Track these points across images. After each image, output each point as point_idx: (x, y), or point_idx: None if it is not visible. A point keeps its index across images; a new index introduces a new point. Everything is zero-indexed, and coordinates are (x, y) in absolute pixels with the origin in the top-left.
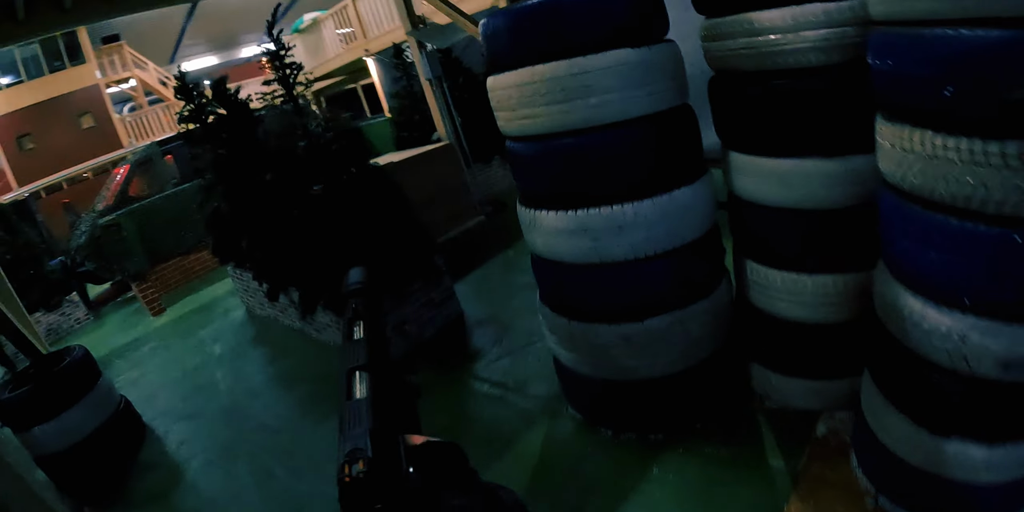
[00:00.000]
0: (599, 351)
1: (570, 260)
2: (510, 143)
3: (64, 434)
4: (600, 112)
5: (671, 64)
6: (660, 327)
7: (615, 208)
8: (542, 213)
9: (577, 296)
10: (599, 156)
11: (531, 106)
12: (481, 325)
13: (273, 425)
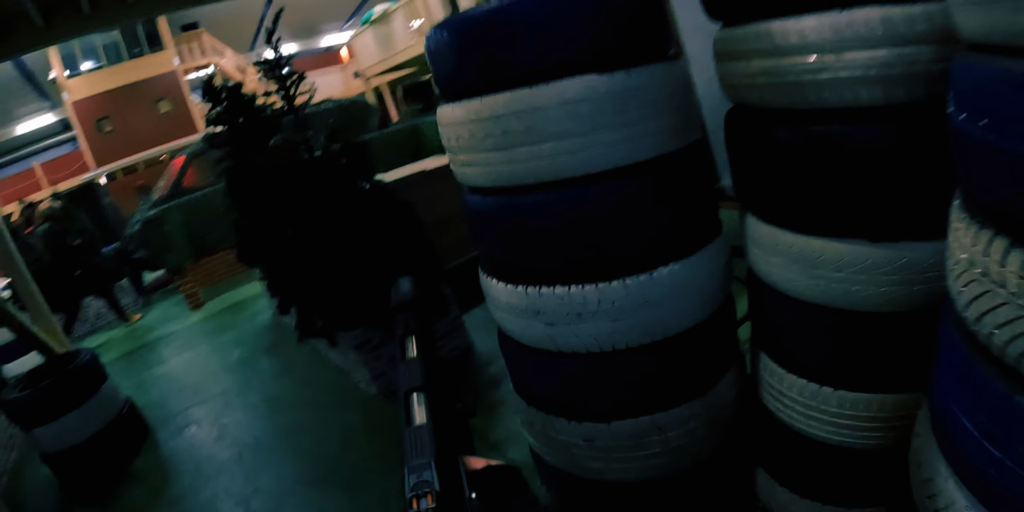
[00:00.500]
0: (559, 445)
1: (524, 341)
2: (464, 190)
3: (63, 436)
4: (552, 164)
5: (667, 93)
6: (631, 432)
7: (572, 290)
8: (492, 281)
9: (533, 382)
10: (552, 221)
11: (470, 150)
12: (492, 362)
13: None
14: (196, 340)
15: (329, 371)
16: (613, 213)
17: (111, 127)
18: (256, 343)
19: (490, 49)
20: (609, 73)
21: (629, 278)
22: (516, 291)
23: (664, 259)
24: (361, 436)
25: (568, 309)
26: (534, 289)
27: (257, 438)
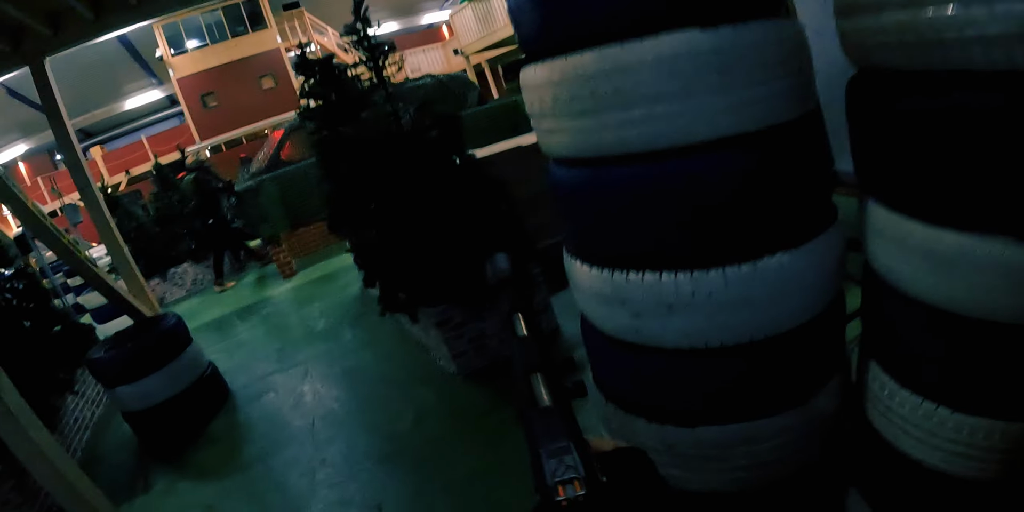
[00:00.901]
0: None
1: (607, 331)
2: (550, 162)
3: (144, 396)
4: (644, 131)
5: (779, 54)
6: (716, 440)
7: (663, 278)
8: (575, 263)
9: (613, 376)
10: (643, 197)
11: (555, 116)
12: (580, 346)
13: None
14: (284, 308)
15: (410, 346)
16: (714, 191)
17: (215, 102)
18: (342, 314)
19: (576, 1)
20: (713, 28)
21: (730, 268)
22: (600, 276)
23: (771, 248)
24: (434, 415)
25: (657, 299)
26: (620, 274)
27: (332, 409)
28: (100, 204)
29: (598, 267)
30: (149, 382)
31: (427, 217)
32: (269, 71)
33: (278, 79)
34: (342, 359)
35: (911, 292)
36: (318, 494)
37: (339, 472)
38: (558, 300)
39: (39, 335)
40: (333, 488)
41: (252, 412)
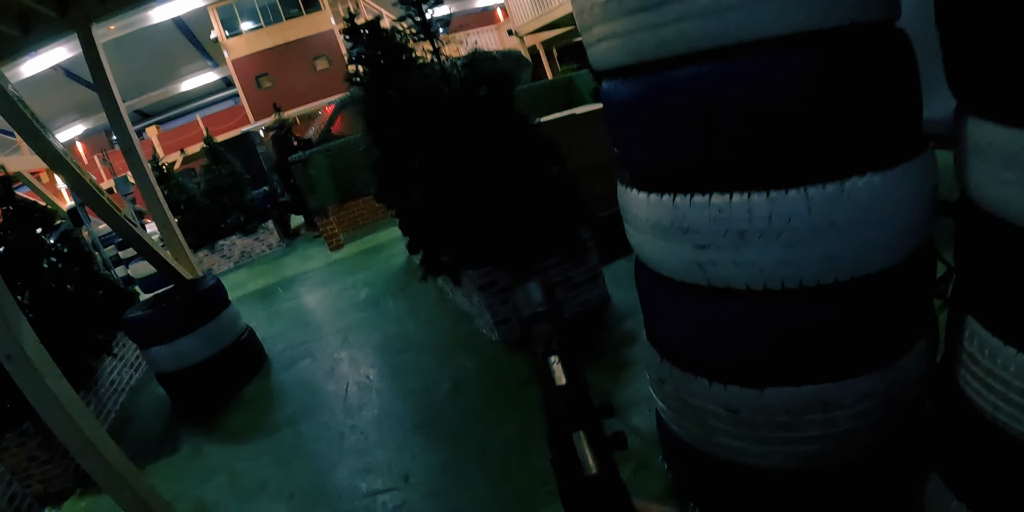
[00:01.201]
0: (693, 413)
1: (665, 271)
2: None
3: (177, 357)
4: (710, 24)
5: None
6: (787, 403)
7: (735, 199)
8: (631, 193)
9: (670, 327)
10: (709, 102)
11: (606, 17)
12: (629, 317)
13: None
14: (329, 279)
15: (453, 314)
16: (795, 94)
17: (270, 83)
18: (386, 284)
19: None
20: None
21: (812, 188)
22: (660, 202)
23: (860, 167)
24: (473, 384)
25: (726, 226)
26: (683, 198)
27: (367, 376)
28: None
29: (657, 193)
30: (183, 343)
31: (473, 175)
32: (323, 52)
33: (332, 60)
34: (382, 327)
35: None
36: (344, 461)
37: (368, 439)
38: (612, 270)
39: (81, 297)
40: (360, 455)
41: (287, 377)
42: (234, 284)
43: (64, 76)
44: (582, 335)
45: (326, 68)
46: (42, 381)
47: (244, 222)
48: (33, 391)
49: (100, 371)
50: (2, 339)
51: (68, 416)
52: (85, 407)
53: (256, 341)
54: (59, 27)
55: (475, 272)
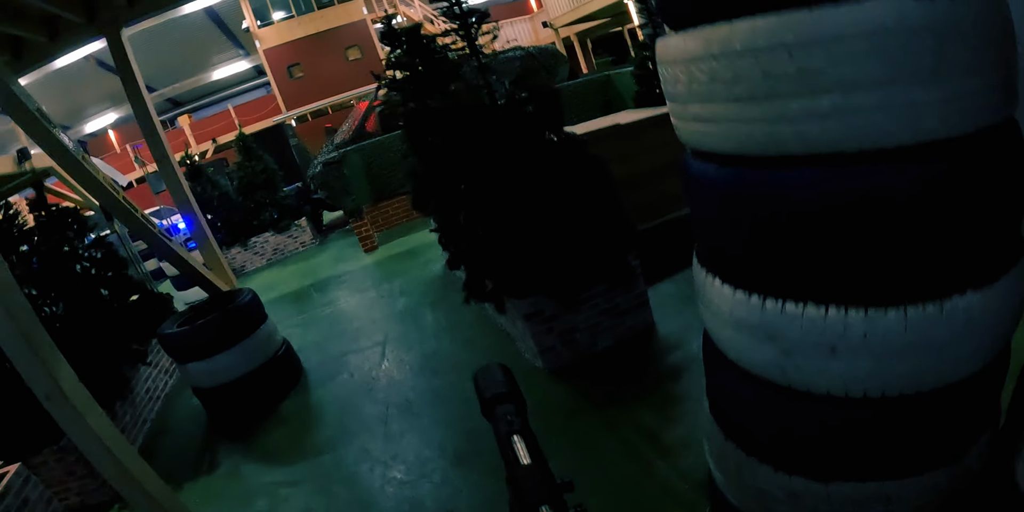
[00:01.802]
0: (753, 492)
1: (742, 363)
2: (687, 154)
3: (214, 374)
4: (831, 128)
5: (1000, 32)
6: (850, 497)
7: (831, 313)
8: (714, 282)
9: (741, 412)
10: (815, 212)
11: (708, 99)
12: (676, 348)
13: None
14: (364, 284)
15: (493, 334)
16: (911, 209)
17: (301, 73)
18: (423, 294)
19: None
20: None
21: (912, 307)
22: (746, 301)
23: (961, 285)
24: None
25: (818, 339)
26: (775, 303)
27: (407, 399)
28: (178, 175)
29: (744, 291)
30: (220, 359)
31: (522, 200)
32: (355, 42)
33: (364, 50)
34: (420, 343)
35: None
36: (387, 492)
37: (411, 470)
38: (655, 292)
39: (116, 304)
40: (404, 487)
41: (325, 394)
42: (267, 284)
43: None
44: (627, 365)
45: (358, 58)
46: (83, 420)
47: (277, 219)
48: (74, 430)
49: (135, 379)
50: (41, 379)
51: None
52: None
53: (293, 355)
54: (87, 33)
55: (521, 301)
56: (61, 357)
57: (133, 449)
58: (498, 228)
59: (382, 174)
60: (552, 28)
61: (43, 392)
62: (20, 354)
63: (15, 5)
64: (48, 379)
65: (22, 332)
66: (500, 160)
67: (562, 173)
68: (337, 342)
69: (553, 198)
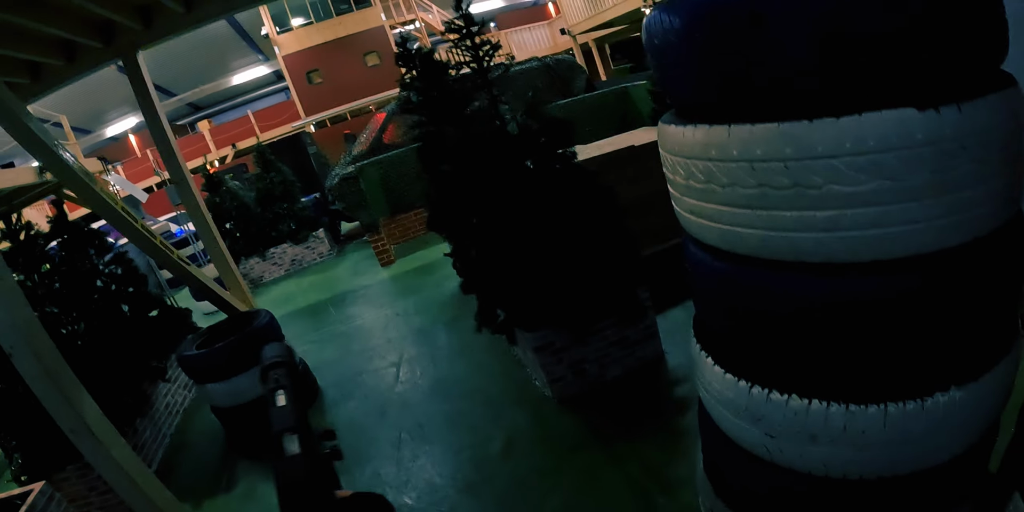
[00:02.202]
0: None
1: (732, 436)
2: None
3: (232, 395)
4: (823, 241)
5: (1002, 142)
6: None
7: (812, 406)
8: (705, 359)
9: (731, 475)
10: (803, 311)
11: (703, 197)
12: (685, 380)
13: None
14: (380, 300)
15: (505, 359)
16: (893, 317)
17: (320, 79)
18: (438, 313)
19: (748, 52)
20: (933, 109)
21: (892, 404)
22: (735, 385)
23: (943, 383)
24: (525, 442)
25: (800, 428)
26: (760, 391)
27: (419, 424)
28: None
29: (733, 375)
30: (238, 381)
31: (532, 233)
32: (374, 48)
33: (382, 56)
34: (434, 365)
35: None
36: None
37: (422, 497)
38: (665, 319)
39: (135, 320)
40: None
41: (339, 416)
42: (284, 297)
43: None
44: (635, 396)
45: (376, 64)
46: (108, 452)
47: (295, 230)
48: (99, 462)
49: (155, 395)
50: (66, 415)
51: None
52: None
53: (310, 374)
54: (104, 56)
55: (531, 334)
56: (85, 393)
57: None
58: (509, 261)
59: (399, 187)
60: (570, 35)
61: (69, 426)
62: (46, 392)
63: (32, 31)
64: (73, 415)
65: (48, 372)
66: (511, 192)
67: (572, 206)
68: (352, 361)
69: (563, 231)
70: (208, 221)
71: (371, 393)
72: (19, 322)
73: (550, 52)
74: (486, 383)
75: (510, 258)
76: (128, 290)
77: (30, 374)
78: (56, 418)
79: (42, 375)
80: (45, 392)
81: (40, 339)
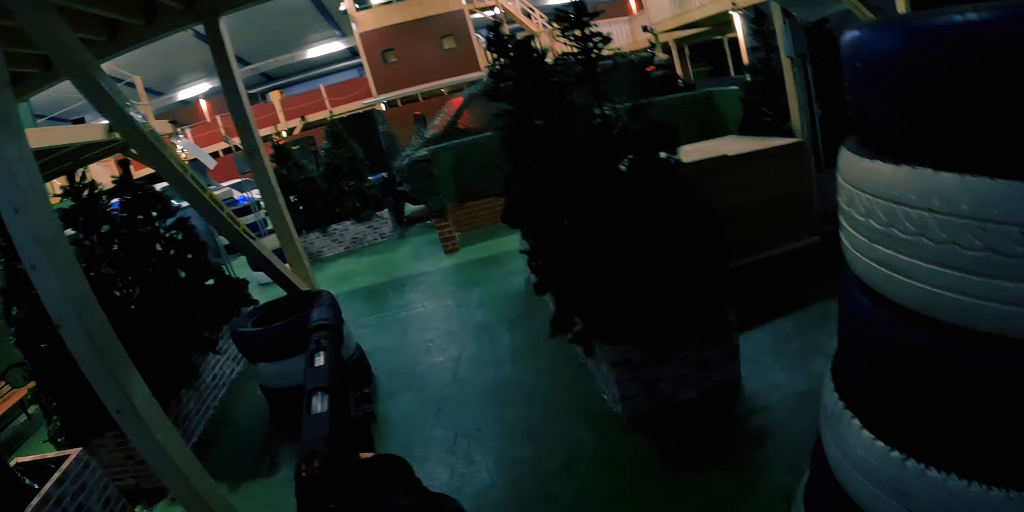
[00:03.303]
0: None
1: (859, 503)
2: (849, 278)
3: (283, 376)
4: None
5: None
6: None
7: (972, 488)
8: (852, 421)
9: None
10: (994, 395)
11: (904, 251)
12: (760, 411)
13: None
14: (443, 289)
15: (571, 367)
16: None
17: (395, 59)
18: (502, 309)
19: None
20: None
21: None
22: (887, 455)
23: None
24: (588, 460)
25: (951, 508)
26: (915, 465)
27: (477, 427)
28: (267, 170)
29: (886, 444)
30: (292, 363)
31: (627, 242)
32: (451, 31)
33: (459, 40)
34: (495, 366)
35: None
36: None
37: (475, 509)
38: (744, 342)
39: (191, 289)
40: None
41: (392, 409)
42: (343, 275)
43: (194, 36)
44: (706, 422)
45: (453, 48)
46: (152, 436)
47: (359, 208)
48: (143, 446)
49: (203, 366)
50: (112, 393)
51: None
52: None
53: (365, 361)
54: (185, 19)
55: (611, 348)
56: (135, 372)
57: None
58: (598, 269)
59: (471, 175)
60: (652, 32)
61: (114, 406)
62: (94, 369)
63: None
64: (121, 395)
65: (98, 349)
66: (607, 195)
67: (670, 216)
68: (409, 352)
69: (659, 242)
70: (276, 193)
71: (427, 388)
72: (73, 294)
73: (629, 49)
74: (550, 391)
75: (600, 266)
76: (186, 256)
77: (79, 349)
78: (102, 397)
79: (91, 352)
80: (93, 369)
81: (93, 314)
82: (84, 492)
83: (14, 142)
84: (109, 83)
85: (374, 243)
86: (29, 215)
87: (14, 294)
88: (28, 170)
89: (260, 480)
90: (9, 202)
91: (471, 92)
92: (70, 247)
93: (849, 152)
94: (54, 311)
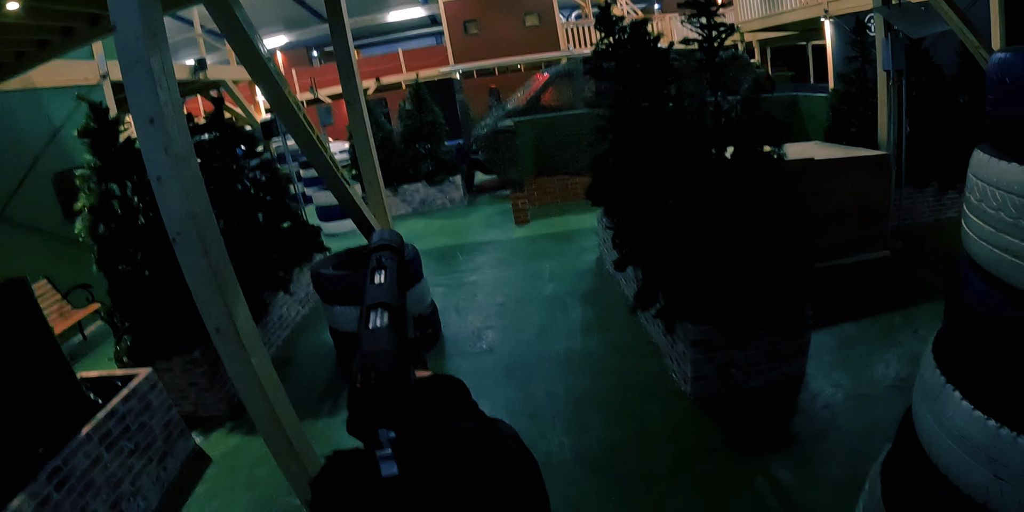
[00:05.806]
0: None
1: (944, 471)
2: (967, 264)
3: (355, 322)
4: None
5: None
6: None
7: None
8: (953, 393)
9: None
10: None
11: (1020, 234)
12: (823, 408)
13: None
14: (513, 258)
15: (642, 343)
16: None
17: (476, 30)
18: (573, 283)
19: None
20: None
21: None
22: (984, 423)
23: None
24: (656, 435)
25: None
26: (1008, 433)
27: (546, 393)
28: (364, 118)
29: (983, 413)
30: None
31: (722, 228)
32: (535, 9)
33: (542, 18)
34: (566, 337)
35: None
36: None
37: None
38: (817, 338)
39: (269, 229)
40: None
41: (460, 366)
42: (412, 235)
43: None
44: (771, 411)
45: (535, 25)
46: (247, 359)
47: (432, 172)
48: (235, 368)
49: (272, 305)
50: (216, 312)
51: (265, 396)
52: (282, 390)
53: (436, 319)
54: None
55: (694, 327)
56: (240, 294)
57: (285, 395)
58: (693, 250)
59: (549, 150)
60: (739, 32)
61: (215, 325)
62: (204, 288)
63: None
64: (224, 314)
65: (212, 267)
66: (711, 182)
67: (767, 208)
68: (478, 315)
69: (752, 231)
70: (370, 142)
71: (497, 350)
72: (195, 209)
73: None
74: (620, 365)
75: (693, 247)
76: (266, 198)
77: (191, 265)
78: (204, 314)
79: (205, 268)
80: (202, 286)
81: (211, 232)
82: (148, 411)
83: (159, 54)
84: (243, 14)
85: (443, 208)
86: (165, 126)
87: (102, 213)
88: (170, 84)
89: (322, 420)
90: (147, 112)
91: (558, 70)
92: (198, 163)
93: (986, 155)
94: (173, 225)
